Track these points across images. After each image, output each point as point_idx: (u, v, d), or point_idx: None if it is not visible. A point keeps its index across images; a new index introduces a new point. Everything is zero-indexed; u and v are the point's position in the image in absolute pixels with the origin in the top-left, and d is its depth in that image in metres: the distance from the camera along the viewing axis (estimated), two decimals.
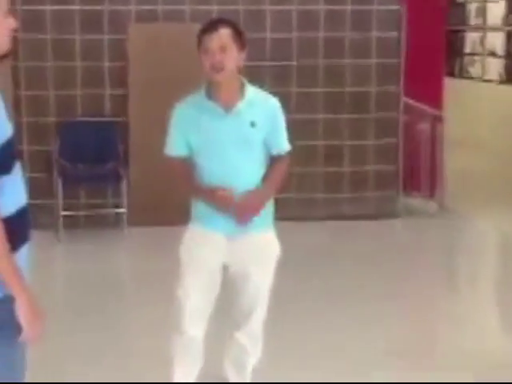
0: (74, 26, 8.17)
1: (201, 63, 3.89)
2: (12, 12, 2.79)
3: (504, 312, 6.29)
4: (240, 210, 3.89)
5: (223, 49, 3.81)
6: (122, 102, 8.28)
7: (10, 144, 2.72)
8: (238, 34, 3.90)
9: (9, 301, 2.71)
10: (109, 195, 8.43)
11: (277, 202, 4.16)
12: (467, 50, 14.48)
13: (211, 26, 3.87)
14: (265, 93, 4.07)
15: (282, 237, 4.17)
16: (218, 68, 3.82)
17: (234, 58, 3.85)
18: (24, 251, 2.83)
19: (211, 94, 3.94)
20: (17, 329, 2.74)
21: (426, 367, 5.03)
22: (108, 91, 8.30)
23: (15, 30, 2.82)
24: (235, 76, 3.93)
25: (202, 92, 3.97)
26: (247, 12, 7.90)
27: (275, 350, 4.73)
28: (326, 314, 5.96)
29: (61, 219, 7.93)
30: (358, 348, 5.32)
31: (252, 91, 3.98)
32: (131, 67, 8.21)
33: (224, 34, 3.84)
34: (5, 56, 2.82)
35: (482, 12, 13.89)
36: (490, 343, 5.47)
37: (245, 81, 3.98)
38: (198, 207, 4.04)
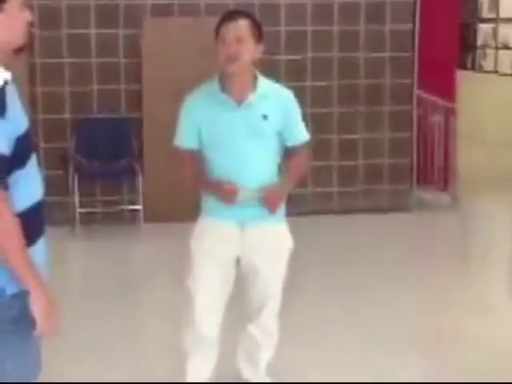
0: (90, 21, 8.20)
1: (216, 53, 3.87)
2: (28, 5, 2.79)
3: None
4: (268, 195, 3.90)
5: (240, 40, 3.80)
6: (136, 98, 8.31)
7: (25, 137, 2.73)
8: (256, 27, 3.89)
9: (24, 295, 2.73)
10: (124, 191, 8.46)
11: (291, 196, 4.17)
12: (479, 42, 14.44)
13: (229, 17, 3.87)
14: (278, 85, 4.06)
15: (296, 231, 4.18)
16: (233, 58, 3.80)
17: (250, 49, 3.84)
18: (41, 245, 2.84)
19: (224, 85, 3.93)
20: (31, 323, 2.75)
21: (439, 354, 5.09)
22: (123, 87, 8.34)
23: (31, 24, 2.82)
24: (249, 68, 3.92)
25: (215, 83, 3.96)
26: (262, 5, 7.92)
27: (287, 339, 4.74)
28: (340, 305, 5.99)
29: (77, 216, 7.97)
30: (366, 336, 5.38)
31: (265, 84, 3.98)
32: (146, 62, 8.23)
33: (242, 25, 3.83)
34: (21, 49, 2.82)
35: (495, 4, 13.86)
36: (503, 332, 5.50)
37: (258, 73, 3.98)
38: (209, 199, 4.03)
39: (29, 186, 2.78)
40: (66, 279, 6.55)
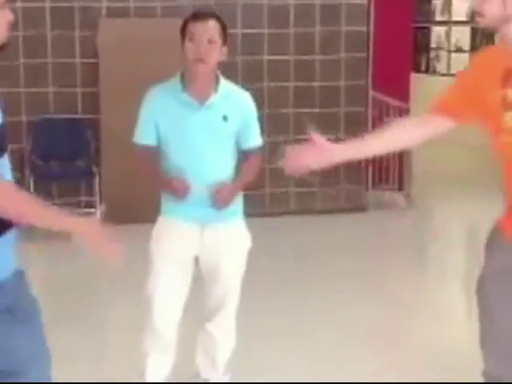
0: (45, 23, 8.18)
1: (183, 52, 3.88)
2: (7, 4, 2.77)
3: (471, 301, 6.38)
4: (217, 191, 3.93)
5: (210, 41, 3.83)
6: (93, 99, 8.30)
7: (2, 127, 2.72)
8: (224, 29, 3.92)
9: (7, 284, 2.75)
10: (82, 193, 8.44)
11: (249, 197, 4.20)
12: (433, 45, 14.61)
13: (200, 16, 3.88)
14: (238, 88, 4.10)
15: (253, 232, 4.20)
16: (202, 60, 3.82)
17: (218, 51, 3.87)
18: (9, 238, 2.83)
19: (185, 84, 3.95)
20: (18, 314, 2.77)
21: (391, 352, 5.15)
22: (80, 88, 8.32)
23: (12, 23, 2.80)
24: (214, 69, 3.95)
25: (177, 82, 3.98)
26: (218, 6, 7.94)
27: (249, 339, 4.78)
28: (296, 302, 6.05)
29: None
30: (327, 335, 5.42)
31: (226, 85, 4.01)
32: (102, 63, 8.22)
33: (213, 26, 3.86)
34: (1, 49, 2.82)
35: (448, 7, 14.02)
36: (456, 331, 5.58)
37: (219, 75, 4.01)
38: (168, 199, 4.05)
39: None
40: None
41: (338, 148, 3.21)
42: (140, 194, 8.00)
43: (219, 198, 3.93)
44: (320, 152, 3.15)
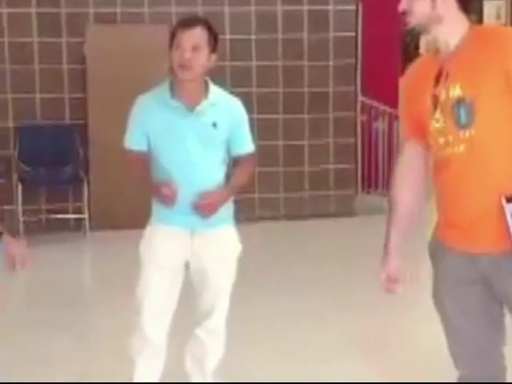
0: (32, 29, 8.16)
1: (170, 58, 3.86)
2: None
3: None
4: (199, 205, 3.90)
5: (195, 48, 3.80)
6: (81, 105, 8.28)
7: None
8: (212, 36, 3.89)
9: None
10: (70, 199, 8.41)
11: (238, 202, 4.19)
12: (422, 50, 14.62)
13: (187, 23, 3.86)
14: (228, 94, 4.08)
15: (243, 237, 4.17)
16: (186, 66, 3.80)
17: (204, 58, 3.84)
18: None
19: (174, 91, 3.93)
20: None
21: (382, 360, 5.12)
22: (67, 94, 8.30)
23: None
24: (201, 76, 3.93)
25: (166, 88, 3.96)
26: (206, 13, 7.92)
27: (238, 346, 4.75)
28: (287, 309, 6.02)
29: (21, 224, 7.89)
30: (317, 339, 5.39)
31: (215, 92, 3.99)
32: (89, 70, 8.21)
33: (198, 33, 3.83)
34: None
35: None
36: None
37: (209, 81, 3.99)
38: (159, 204, 4.02)
39: None
40: (9, 289, 6.47)
41: (396, 252, 3.20)
42: (128, 199, 7.99)
43: (204, 207, 3.92)
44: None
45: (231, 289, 4.15)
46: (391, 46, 9.88)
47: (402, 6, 2.97)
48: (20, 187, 7.86)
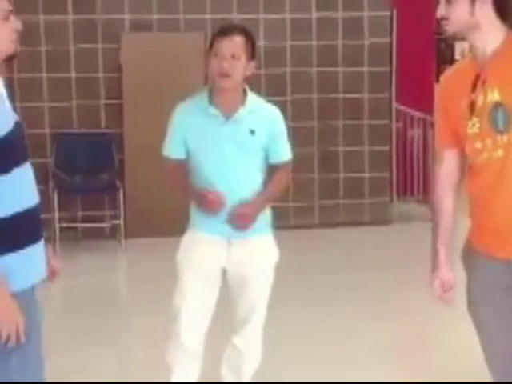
0: (68, 36, 8.21)
1: (209, 66, 3.89)
2: (14, 13, 2.77)
3: None
4: (235, 216, 3.93)
5: (234, 56, 3.82)
6: (116, 113, 8.31)
7: (6, 141, 2.70)
8: (250, 44, 3.90)
9: (22, 295, 2.75)
10: (105, 207, 8.45)
11: (273, 210, 4.18)
12: (457, 56, 14.55)
13: (226, 32, 3.88)
14: (266, 102, 4.09)
15: (277, 245, 4.16)
16: (225, 74, 3.82)
17: (242, 66, 3.85)
18: (34, 252, 2.83)
19: (213, 99, 3.95)
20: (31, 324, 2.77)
21: (417, 369, 5.08)
22: (103, 102, 8.34)
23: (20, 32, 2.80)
24: (239, 84, 3.94)
25: (204, 96, 3.98)
26: (240, 20, 7.95)
27: (271, 354, 4.73)
28: (321, 316, 6.00)
29: (57, 232, 7.94)
30: (351, 348, 5.36)
31: (253, 99, 4.00)
32: (126, 77, 8.25)
33: (237, 41, 3.84)
34: (10, 58, 2.82)
35: None
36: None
37: (247, 89, 4.00)
38: (197, 212, 4.04)
39: (16, 193, 2.77)
40: (43, 296, 6.48)
41: (447, 262, 3.20)
42: (163, 207, 8.02)
43: (239, 220, 3.93)
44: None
45: (268, 296, 4.16)
46: (426, 53, 9.84)
47: (439, 13, 2.95)
48: (56, 195, 7.91)
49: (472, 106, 2.94)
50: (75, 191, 8.26)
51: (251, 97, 4.00)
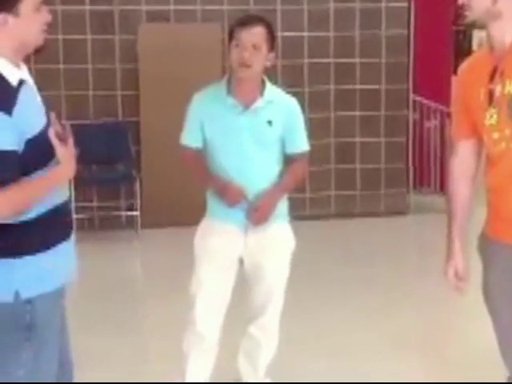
0: (85, 27, 8.24)
1: (229, 56, 3.90)
2: (45, 5, 2.78)
3: None
4: (254, 212, 3.94)
5: (255, 47, 3.83)
6: (133, 103, 8.33)
7: (40, 139, 2.72)
8: (270, 34, 3.91)
9: (39, 301, 2.74)
10: (122, 197, 8.48)
11: (289, 200, 4.18)
12: (475, 48, 14.49)
13: (247, 22, 3.89)
14: (284, 93, 4.09)
15: (294, 235, 4.18)
16: (246, 65, 3.83)
17: (263, 57, 3.87)
18: (65, 249, 2.85)
19: (231, 89, 3.96)
20: (48, 329, 2.78)
21: (434, 360, 5.08)
22: (120, 92, 8.36)
23: (49, 24, 2.81)
24: (259, 74, 3.95)
25: (223, 86, 3.99)
26: (258, 11, 7.93)
27: (286, 344, 4.74)
28: (337, 307, 6.02)
29: (74, 221, 7.94)
30: (366, 339, 5.37)
31: (272, 90, 4.01)
32: (142, 68, 8.26)
33: (258, 31, 3.85)
34: (40, 50, 2.83)
35: None
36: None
37: (266, 79, 4.01)
38: (214, 201, 4.05)
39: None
40: None
41: (462, 251, 3.21)
42: (179, 197, 8.04)
43: (254, 216, 3.94)
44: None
45: (285, 285, 4.16)
46: (443, 44, 9.79)
47: (461, 0, 2.94)
48: (73, 185, 7.93)
49: (490, 96, 2.93)
50: (92, 181, 8.27)
51: (269, 87, 4.00)
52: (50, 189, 2.73)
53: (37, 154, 2.71)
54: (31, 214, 2.71)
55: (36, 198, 2.70)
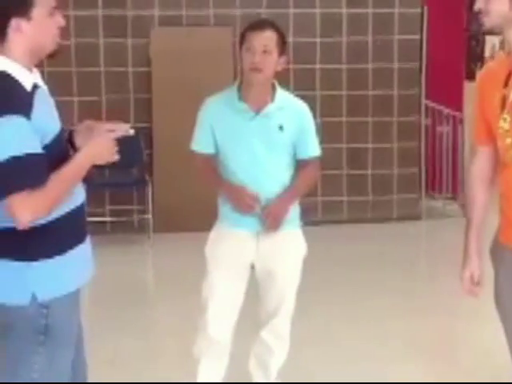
0: (98, 31, 8.26)
1: (241, 61, 3.91)
2: (59, 10, 2.79)
3: None
4: (266, 217, 3.93)
5: (265, 51, 3.83)
6: (146, 107, 8.34)
7: (56, 144, 2.73)
8: (281, 39, 3.92)
9: (54, 304, 2.74)
10: (134, 201, 8.49)
11: (301, 205, 4.18)
12: (487, 53, 14.45)
13: (258, 26, 3.90)
14: (295, 97, 4.09)
15: (306, 240, 4.17)
16: (257, 69, 3.83)
17: (274, 61, 3.86)
18: (81, 252, 2.86)
19: (242, 94, 3.95)
20: (62, 333, 2.78)
21: (447, 365, 5.06)
22: (132, 96, 8.37)
23: (64, 29, 2.82)
24: (270, 79, 3.95)
25: (234, 91, 3.98)
26: (270, 15, 7.93)
27: (298, 348, 4.74)
28: (349, 312, 6.02)
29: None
30: (378, 344, 5.36)
31: (282, 95, 4.00)
32: (154, 72, 8.28)
33: (269, 36, 3.86)
34: (54, 54, 2.83)
35: None
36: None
37: (277, 84, 4.00)
38: (226, 206, 4.05)
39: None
40: None
41: (478, 256, 3.22)
42: (191, 201, 8.04)
43: (269, 223, 3.93)
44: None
45: (296, 290, 4.16)
46: (456, 50, 9.78)
47: (477, 5, 2.92)
48: (85, 188, 7.93)
49: (503, 101, 2.92)
50: (104, 185, 8.28)
51: (280, 92, 4.00)
52: (82, 173, 2.78)
53: (53, 159, 2.71)
54: (48, 218, 2.71)
55: (72, 186, 2.77)
